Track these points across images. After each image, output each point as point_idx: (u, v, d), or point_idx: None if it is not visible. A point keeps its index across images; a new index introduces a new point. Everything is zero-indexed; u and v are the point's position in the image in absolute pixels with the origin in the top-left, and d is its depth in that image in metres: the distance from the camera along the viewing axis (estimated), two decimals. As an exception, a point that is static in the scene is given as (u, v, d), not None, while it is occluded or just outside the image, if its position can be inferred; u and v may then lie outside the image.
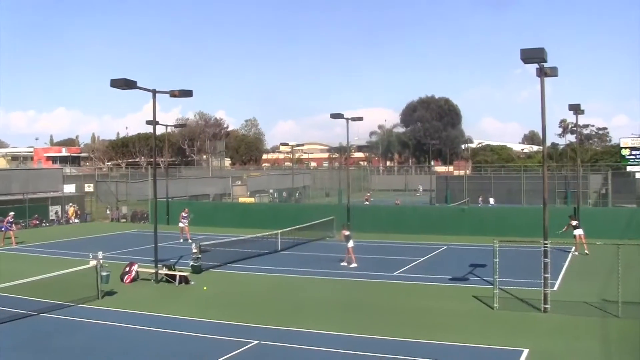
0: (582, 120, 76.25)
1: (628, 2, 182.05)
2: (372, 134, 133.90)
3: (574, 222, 30.84)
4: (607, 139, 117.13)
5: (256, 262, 29.08)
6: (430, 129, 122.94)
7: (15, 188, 46.97)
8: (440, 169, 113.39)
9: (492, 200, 61.61)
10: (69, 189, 57.30)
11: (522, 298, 20.24)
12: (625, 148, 70.15)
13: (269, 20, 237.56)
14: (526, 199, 63.49)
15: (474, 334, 16.44)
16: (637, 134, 74.10)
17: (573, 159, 71.82)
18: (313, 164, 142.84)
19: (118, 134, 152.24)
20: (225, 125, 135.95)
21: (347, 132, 39.26)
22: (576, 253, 30.20)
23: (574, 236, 30.48)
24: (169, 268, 24.57)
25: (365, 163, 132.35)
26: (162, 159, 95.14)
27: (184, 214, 37.35)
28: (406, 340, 15.95)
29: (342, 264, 27.71)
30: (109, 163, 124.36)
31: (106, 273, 21.55)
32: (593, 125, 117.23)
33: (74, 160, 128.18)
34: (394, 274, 25.87)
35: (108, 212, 53.31)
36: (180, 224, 37.31)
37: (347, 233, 27.84)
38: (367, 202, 63.27)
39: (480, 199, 62.11)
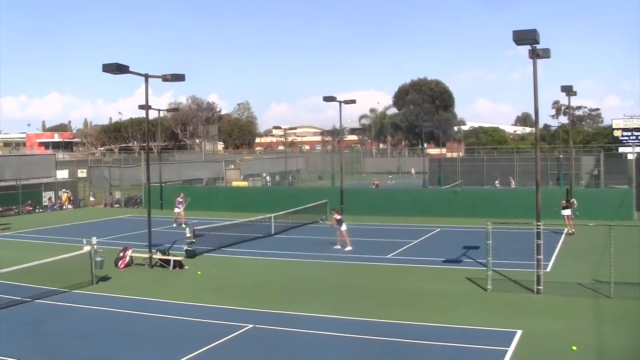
0: (575, 101, 76.50)
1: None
2: (364, 117, 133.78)
3: (565, 203, 31.16)
4: (599, 120, 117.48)
5: (250, 245, 29.11)
6: (422, 112, 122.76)
7: (8, 174, 46.71)
8: (433, 151, 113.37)
9: (512, 182, 61.46)
10: (62, 174, 57.10)
11: (515, 279, 20.36)
12: (618, 129, 70.43)
13: (260, 2, 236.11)
14: (519, 180, 63.68)
15: (467, 315, 16.54)
16: (629, 115, 74.20)
17: (565, 141, 72.00)
18: (306, 147, 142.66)
19: (110, 119, 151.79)
20: (217, 109, 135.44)
21: (340, 115, 39.26)
22: (570, 232, 30.54)
23: (563, 217, 30.80)
24: (163, 253, 24.59)
25: (358, 146, 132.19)
26: (154, 144, 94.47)
27: (179, 199, 37.20)
28: (400, 322, 16.04)
29: (335, 247, 27.76)
30: (102, 148, 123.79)
31: (100, 258, 21.54)
32: (585, 107, 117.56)
33: (67, 146, 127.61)
34: (388, 256, 25.96)
35: (92, 198, 53.02)
36: (177, 209, 37.12)
37: (338, 217, 27.85)
38: (375, 186, 63.15)
39: (497, 182, 61.76)
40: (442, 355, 13.68)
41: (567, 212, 30.78)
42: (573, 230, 30.51)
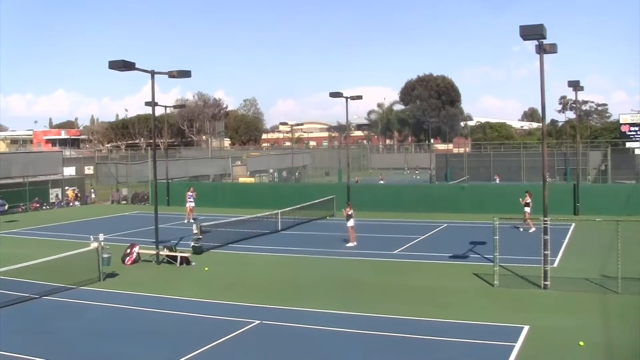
0: (582, 96, 76.35)
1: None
2: (371, 112, 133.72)
3: (529, 199, 30.91)
4: (607, 115, 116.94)
5: (257, 242, 29.14)
6: (429, 107, 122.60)
7: (15, 171, 46.90)
8: (440, 146, 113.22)
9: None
10: (69, 171, 57.31)
11: (522, 275, 20.31)
12: (625, 124, 70.20)
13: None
14: (526, 175, 63.51)
15: (474, 311, 16.53)
16: (637, 110, 73.93)
17: (572, 136, 71.77)
18: (312, 143, 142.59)
19: (117, 115, 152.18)
20: (224, 106, 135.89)
21: (346, 110, 39.15)
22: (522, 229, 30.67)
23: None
24: (170, 249, 24.66)
25: (365, 141, 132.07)
26: (161, 140, 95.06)
27: (189, 193, 37.20)
28: (407, 318, 16.02)
29: (347, 244, 27.59)
30: (109, 145, 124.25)
31: (107, 255, 21.58)
32: (592, 102, 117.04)
33: (74, 143, 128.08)
34: (395, 252, 25.94)
35: (93, 195, 53.14)
36: (191, 204, 37.12)
37: (350, 212, 27.63)
38: (382, 181, 63.20)
39: (497, 177, 61.63)
40: (449, 351, 13.68)
41: (528, 208, 30.56)
42: (524, 228, 30.68)
